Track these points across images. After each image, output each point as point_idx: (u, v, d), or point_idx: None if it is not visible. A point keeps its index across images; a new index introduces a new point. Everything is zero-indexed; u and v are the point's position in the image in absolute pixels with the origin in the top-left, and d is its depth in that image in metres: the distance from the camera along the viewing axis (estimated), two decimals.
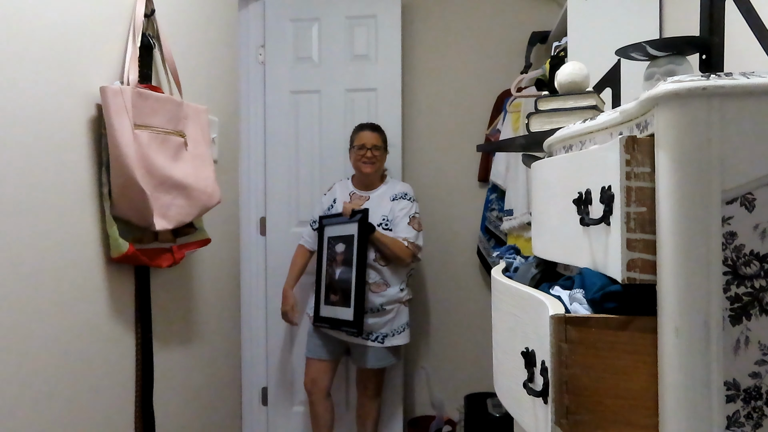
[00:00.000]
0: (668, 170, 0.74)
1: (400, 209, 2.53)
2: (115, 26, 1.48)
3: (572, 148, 1.10)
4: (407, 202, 2.55)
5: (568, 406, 0.80)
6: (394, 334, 2.51)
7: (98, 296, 1.43)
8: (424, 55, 3.02)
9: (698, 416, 0.74)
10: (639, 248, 0.78)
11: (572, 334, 0.80)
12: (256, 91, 2.95)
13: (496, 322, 1.17)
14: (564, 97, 1.36)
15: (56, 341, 1.28)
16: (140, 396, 1.58)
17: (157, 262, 1.56)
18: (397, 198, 2.54)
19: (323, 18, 2.90)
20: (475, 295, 2.99)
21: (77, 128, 1.35)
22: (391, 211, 2.52)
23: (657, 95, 0.75)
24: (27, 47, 1.20)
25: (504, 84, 2.83)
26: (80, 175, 1.36)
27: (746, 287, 0.74)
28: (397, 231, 2.49)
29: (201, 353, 1.97)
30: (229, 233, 2.19)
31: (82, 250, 1.37)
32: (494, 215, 2.78)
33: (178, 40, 1.77)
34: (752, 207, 0.73)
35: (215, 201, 1.70)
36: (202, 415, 1.98)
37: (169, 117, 1.53)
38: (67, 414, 1.32)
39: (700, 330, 0.73)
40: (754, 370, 0.74)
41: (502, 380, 1.12)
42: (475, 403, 2.70)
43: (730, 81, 0.72)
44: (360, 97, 2.90)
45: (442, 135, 3.02)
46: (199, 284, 1.95)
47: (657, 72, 1.17)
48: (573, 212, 0.93)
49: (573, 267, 1.07)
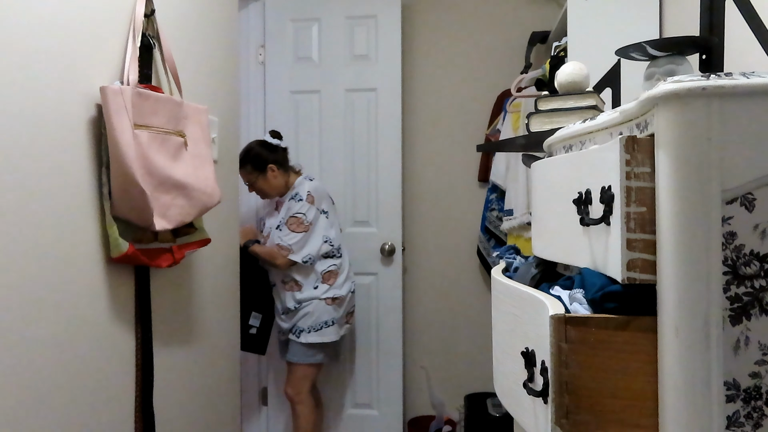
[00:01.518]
0: (668, 170, 0.75)
1: (287, 211, 2.58)
2: (115, 26, 1.48)
3: (572, 148, 1.10)
4: (294, 203, 2.58)
5: (568, 406, 0.80)
6: (310, 331, 2.54)
7: (98, 296, 1.43)
8: (424, 55, 3.02)
9: (698, 416, 0.74)
10: (639, 248, 0.78)
11: (572, 334, 0.80)
12: (256, 91, 2.95)
13: (496, 322, 1.17)
14: (564, 97, 1.36)
15: (56, 341, 1.28)
16: (140, 396, 1.58)
17: (157, 262, 1.55)
18: (289, 199, 2.60)
19: (323, 18, 2.90)
20: (475, 295, 2.99)
21: (77, 128, 1.35)
22: (285, 215, 2.59)
23: (657, 95, 0.75)
24: (26, 47, 1.20)
25: (504, 84, 2.84)
26: (80, 175, 1.36)
27: (746, 287, 0.74)
28: (281, 235, 2.57)
29: (201, 353, 1.97)
30: (229, 233, 2.19)
31: (82, 250, 1.37)
32: (494, 215, 2.79)
33: (178, 40, 1.77)
34: (752, 207, 0.73)
35: (215, 201, 1.70)
36: (202, 415, 1.98)
37: (169, 117, 1.53)
38: (66, 414, 1.32)
39: (700, 330, 0.73)
40: (754, 370, 0.74)
41: (502, 380, 1.12)
42: (475, 403, 2.70)
43: (730, 81, 0.72)
44: (360, 97, 2.90)
45: (442, 135, 3.02)
46: (199, 284, 1.95)
47: (657, 72, 1.17)
48: (573, 212, 0.93)
49: (573, 267, 1.07)
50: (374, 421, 2.89)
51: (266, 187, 2.62)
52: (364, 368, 2.89)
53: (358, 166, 2.90)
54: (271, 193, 2.64)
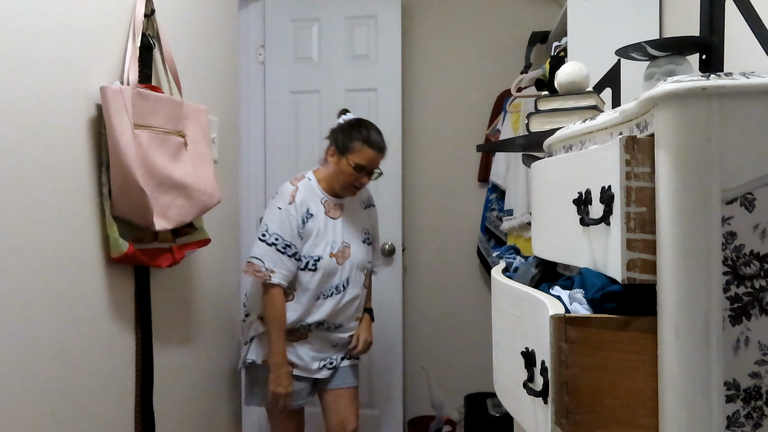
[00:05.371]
0: (668, 170, 0.74)
1: (372, 221, 2.21)
2: (115, 26, 1.48)
3: (572, 148, 1.10)
4: (375, 210, 2.25)
5: (567, 406, 0.80)
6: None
7: (98, 296, 1.43)
8: (424, 55, 3.02)
9: (698, 416, 0.74)
10: (639, 248, 0.78)
11: (572, 334, 0.80)
12: (256, 91, 2.95)
13: (496, 322, 1.17)
14: (564, 97, 1.36)
15: (56, 341, 1.28)
16: (140, 396, 1.58)
17: (157, 262, 1.56)
18: (369, 206, 2.22)
19: (323, 18, 2.90)
20: (475, 295, 2.99)
21: (77, 128, 1.35)
22: (370, 223, 2.20)
23: (657, 95, 0.75)
24: (27, 47, 1.20)
25: (504, 84, 2.83)
26: (80, 175, 1.36)
27: (746, 287, 0.74)
28: (376, 246, 2.22)
29: (201, 353, 1.97)
30: (229, 233, 2.19)
31: (82, 250, 1.37)
32: (494, 215, 2.79)
33: (178, 40, 1.77)
34: (752, 207, 0.73)
35: (215, 201, 1.70)
36: (202, 415, 1.98)
37: (169, 117, 1.53)
38: (67, 414, 1.32)
39: (700, 330, 0.73)
40: (754, 370, 0.74)
41: (502, 380, 1.12)
42: (475, 403, 2.70)
43: (730, 81, 0.72)
44: (360, 97, 2.90)
45: (442, 135, 3.02)
46: (199, 284, 1.95)
47: (657, 72, 1.17)
48: (573, 212, 0.93)
49: (573, 267, 1.07)
50: (374, 421, 2.89)
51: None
52: (363, 368, 2.89)
53: None
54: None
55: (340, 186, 2.03)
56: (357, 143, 2.01)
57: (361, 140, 2.01)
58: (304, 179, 2.05)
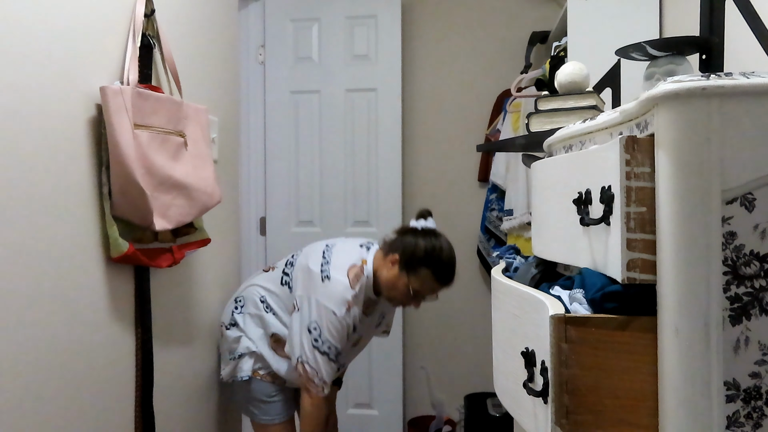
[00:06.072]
0: (668, 170, 0.75)
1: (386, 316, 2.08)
2: (115, 26, 1.48)
3: (572, 148, 1.10)
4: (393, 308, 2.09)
5: (568, 406, 0.80)
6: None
7: (98, 296, 1.43)
8: (424, 55, 3.02)
9: (698, 416, 0.74)
10: (639, 248, 0.78)
11: (572, 334, 0.80)
12: (256, 91, 2.95)
13: (496, 322, 1.17)
14: (564, 97, 1.36)
15: (56, 341, 1.28)
16: (140, 396, 1.58)
17: (157, 262, 1.55)
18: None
19: (323, 18, 2.90)
20: (475, 295, 2.99)
21: (77, 128, 1.35)
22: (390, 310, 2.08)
23: (657, 95, 0.75)
24: (26, 47, 1.20)
25: (504, 84, 2.84)
26: (80, 175, 1.36)
27: (746, 287, 0.74)
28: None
29: (201, 353, 1.97)
30: (229, 233, 2.19)
31: (82, 250, 1.37)
32: (494, 215, 2.79)
33: (178, 40, 1.77)
34: (752, 207, 0.73)
35: (215, 201, 1.70)
36: (202, 415, 1.98)
37: (169, 117, 1.53)
38: (66, 414, 1.32)
39: (700, 330, 0.73)
40: (754, 370, 0.74)
41: (502, 380, 1.12)
42: (475, 403, 2.70)
43: (730, 81, 0.72)
44: (360, 97, 2.90)
45: (442, 135, 3.02)
46: (199, 284, 1.95)
47: (657, 72, 1.17)
48: (573, 212, 0.93)
49: (573, 267, 1.07)
50: (374, 421, 2.89)
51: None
52: (363, 368, 2.89)
53: (358, 166, 2.90)
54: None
55: (388, 297, 1.87)
56: (425, 271, 1.80)
57: (431, 271, 1.81)
58: (363, 276, 1.80)
